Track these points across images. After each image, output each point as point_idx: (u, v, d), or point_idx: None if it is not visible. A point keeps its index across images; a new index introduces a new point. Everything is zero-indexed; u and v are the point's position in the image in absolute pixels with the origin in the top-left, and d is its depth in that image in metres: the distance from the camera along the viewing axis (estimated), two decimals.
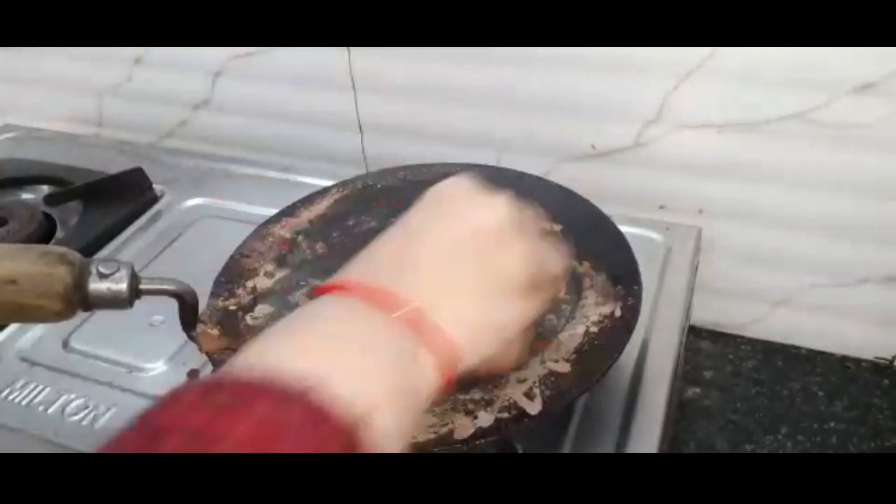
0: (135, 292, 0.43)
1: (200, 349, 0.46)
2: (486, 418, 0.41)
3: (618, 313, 0.47)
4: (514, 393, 0.43)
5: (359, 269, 0.35)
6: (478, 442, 0.40)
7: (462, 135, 0.74)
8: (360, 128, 0.78)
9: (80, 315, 0.44)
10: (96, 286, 0.42)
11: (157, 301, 0.45)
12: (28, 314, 0.42)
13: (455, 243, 0.36)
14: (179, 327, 0.47)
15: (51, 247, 0.44)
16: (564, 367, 0.44)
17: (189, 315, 0.47)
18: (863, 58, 0.57)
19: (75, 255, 0.43)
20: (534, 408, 0.42)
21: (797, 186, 0.64)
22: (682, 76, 0.63)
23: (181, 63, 0.82)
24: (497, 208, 0.37)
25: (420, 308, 0.33)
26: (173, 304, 0.46)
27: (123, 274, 0.43)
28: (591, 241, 0.52)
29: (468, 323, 0.34)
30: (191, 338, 0.47)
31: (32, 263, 0.42)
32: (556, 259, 0.39)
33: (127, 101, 0.88)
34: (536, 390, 0.43)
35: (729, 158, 0.65)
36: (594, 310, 0.48)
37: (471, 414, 0.42)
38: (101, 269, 0.43)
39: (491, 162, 0.74)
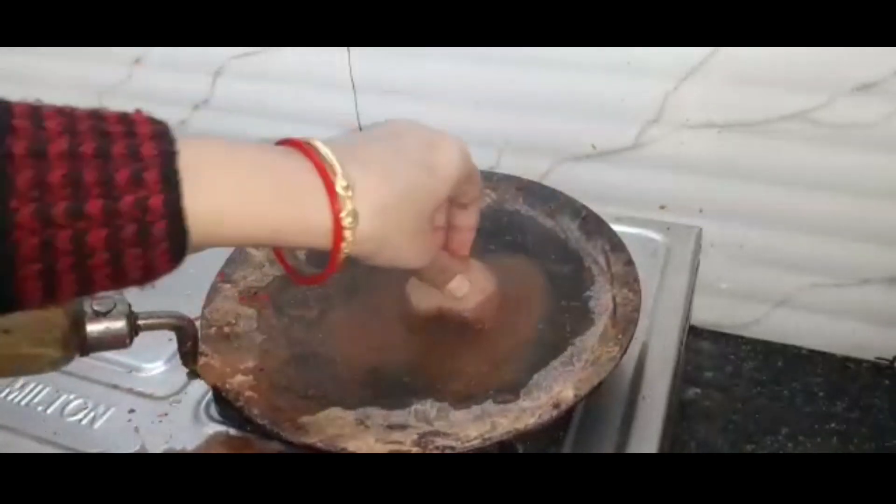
0: (133, 329, 0.40)
1: (207, 383, 0.44)
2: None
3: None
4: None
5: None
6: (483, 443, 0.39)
7: (462, 135, 0.73)
8: (360, 128, 0.78)
9: None
10: (94, 327, 0.39)
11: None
12: (25, 366, 0.38)
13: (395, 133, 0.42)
14: None
15: None
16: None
17: (190, 347, 0.45)
18: (863, 58, 0.57)
19: None
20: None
21: (797, 186, 0.64)
22: (682, 76, 0.63)
23: (181, 63, 0.82)
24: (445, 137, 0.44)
25: (311, 140, 0.36)
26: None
27: (120, 310, 0.39)
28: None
29: (372, 175, 0.37)
30: (193, 372, 0.45)
31: None
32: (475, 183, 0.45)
33: (127, 101, 0.88)
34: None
35: (729, 158, 0.65)
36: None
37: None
38: (96, 307, 0.39)
39: (491, 162, 0.74)
